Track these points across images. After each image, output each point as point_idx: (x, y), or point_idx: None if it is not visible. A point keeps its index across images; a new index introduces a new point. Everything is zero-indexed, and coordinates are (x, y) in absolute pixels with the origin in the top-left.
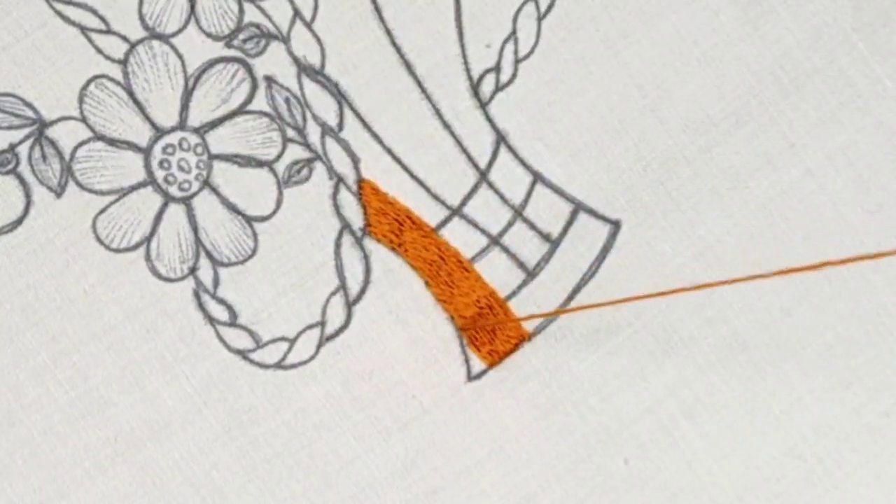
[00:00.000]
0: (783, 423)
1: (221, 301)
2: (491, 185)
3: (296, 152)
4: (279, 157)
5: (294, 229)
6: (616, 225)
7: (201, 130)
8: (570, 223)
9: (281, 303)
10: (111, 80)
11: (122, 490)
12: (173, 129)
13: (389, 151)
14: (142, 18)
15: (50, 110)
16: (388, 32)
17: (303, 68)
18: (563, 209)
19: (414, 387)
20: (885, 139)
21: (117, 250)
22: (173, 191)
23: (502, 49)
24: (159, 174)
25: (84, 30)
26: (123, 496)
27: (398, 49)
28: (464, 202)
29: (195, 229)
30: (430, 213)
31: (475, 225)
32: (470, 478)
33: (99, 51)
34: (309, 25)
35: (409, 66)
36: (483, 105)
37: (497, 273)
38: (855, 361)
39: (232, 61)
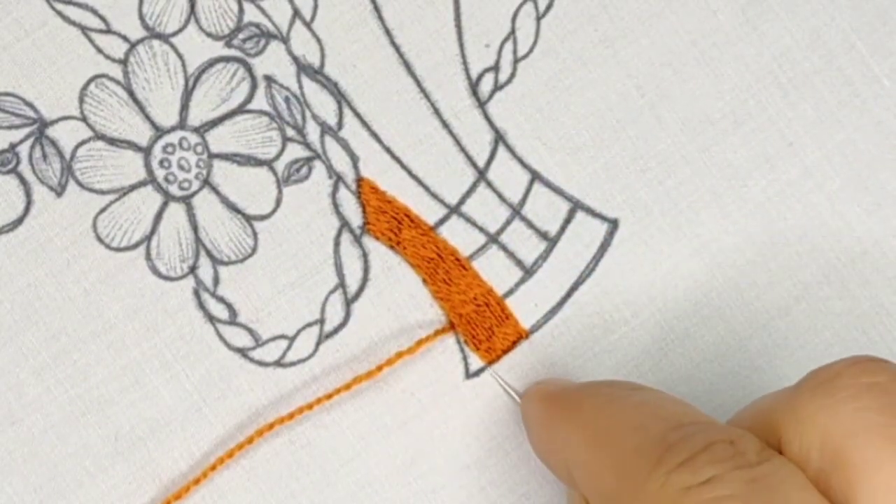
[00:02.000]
0: None
1: (221, 299)
2: (489, 184)
3: (295, 151)
4: (279, 155)
5: (293, 228)
6: (614, 223)
7: (201, 129)
8: (567, 221)
9: (280, 301)
10: (111, 79)
11: (121, 488)
12: (173, 129)
13: (388, 150)
14: (142, 18)
15: (50, 110)
16: (388, 32)
17: (302, 68)
18: (560, 207)
19: (412, 384)
20: (883, 138)
21: (117, 249)
22: (173, 190)
23: (501, 48)
24: (159, 173)
25: (84, 29)
26: (123, 495)
27: (397, 48)
28: (462, 200)
29: (195, 228)
30: (428, 212)
31: (473, 223)
32: (469, 475)
33: (99, 50)
34: (308, 25)
35: (408, 66)
36: (482, 104)
37: (495, 271)
38: None
39: (232, 61)
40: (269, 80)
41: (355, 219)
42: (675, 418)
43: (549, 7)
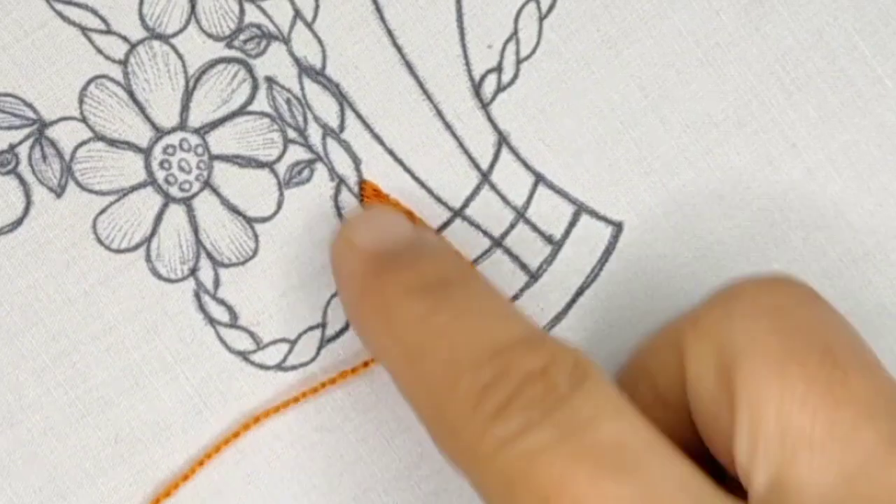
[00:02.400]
0: None
1: (222, 302)
2: (493, 187)
3: (297, 153)
4: (280, 157)
5: (295, 230)
6: (618, 226)
7: (202, 131)
8: (572, 225)
9: (282, 304)
10: (111, 80)
11: (122, 491)
12: (174, 130)
13: (391, 153)
14: (142, 19)
15: (50, 110)
16: (390, 33)
17: (304, 69)
18: (565, 211)
19: None
20: (885, 139)
21: (117, 251)
22: (174, 191)
23: (504, 49)
24: (160, 175)
25: (84, 30)
26: (123, 497)
27: (399, 50)
28: (466, 204)
29: (196, 230)
30: (432, 215)
31: (477, 226)
32: None
33: (99, 51)
34: (310, 26)
35: (410, 67)
36: (485, 106)
37: (500, 275)
38: None
39: (232, 62)
40: (270, 81)
41: None
42: (490, 340)
43: (551, 7)
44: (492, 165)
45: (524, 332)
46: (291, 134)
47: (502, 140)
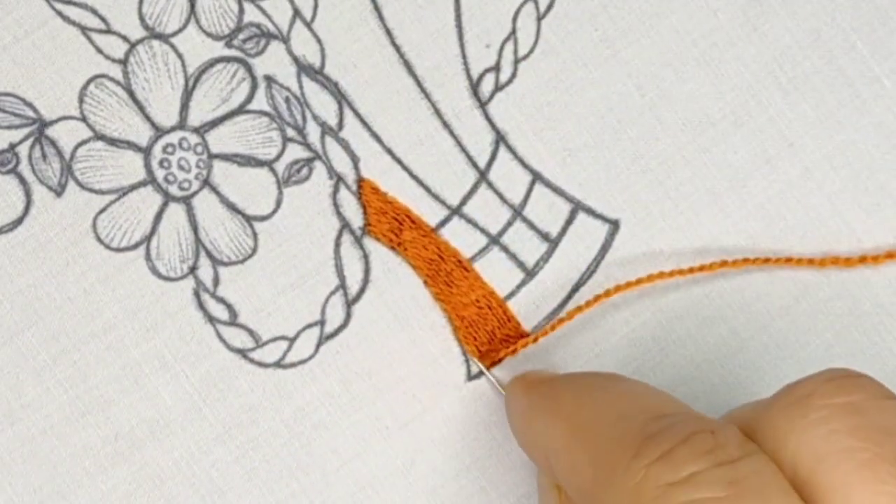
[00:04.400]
0: None
1: (221, 300)
2: (490, 185)
3: (295, 152)
4: (279, 156)
5: (294, 229)
6: (615, 224)
7: (201, 130)
8: (569, 222)
9: (280, 302)
10: (111, 79)
11: (121, 489)
12: (173, 129)
13: (389, 151)
14: (142, 18)
15: (50, 110)
16: (388, 32)
17: (303, 68)
18: (562, 209)
19: (413, 386)
20: (883, 139)
21: (117, 249)
22: (173, 190)
23: (502, 49)
24: (159, 173)
25: (84, 29)
26: (123, 495)
27: (398, 49)
28: (463, 202)
29: (195, 228)
30: (429, 213)
31: (475, 224)
32: (469, 476)
33: (99, 50)
34: (309, 25)
35: (408, 66)
36: (482, 105)
37: (496, 272)
38: (855, 361)
39: (232, 61)
40: (269, 80)
41: (356, 220)
42: (657, 409)
43: (549, 7)
44: (489, 164)
45: (691, 409)
46: (290, 132)
47: (500, 139)
